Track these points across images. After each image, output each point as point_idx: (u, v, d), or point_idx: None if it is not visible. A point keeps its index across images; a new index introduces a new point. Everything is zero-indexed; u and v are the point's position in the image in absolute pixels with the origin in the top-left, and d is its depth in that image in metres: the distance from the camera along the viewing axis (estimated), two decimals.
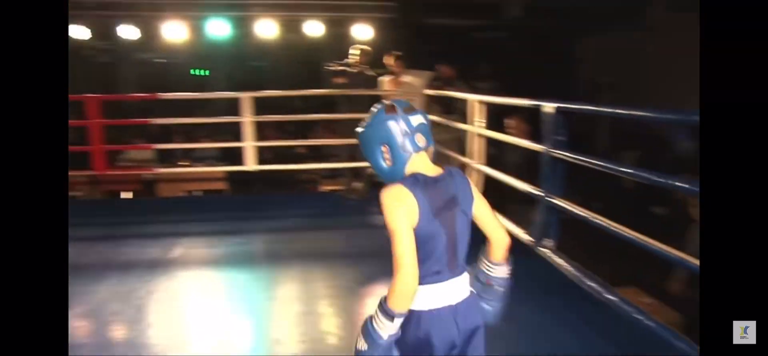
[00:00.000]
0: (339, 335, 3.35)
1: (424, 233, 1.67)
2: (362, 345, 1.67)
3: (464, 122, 5.49)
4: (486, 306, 1.86)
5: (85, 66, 14.42)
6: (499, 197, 4.97)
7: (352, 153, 6.75)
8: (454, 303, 1.73)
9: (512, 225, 4.22)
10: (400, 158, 1.73)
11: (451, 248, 1.72)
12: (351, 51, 6.64)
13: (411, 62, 6.81)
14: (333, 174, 8.52)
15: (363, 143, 1.81)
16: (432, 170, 1.76)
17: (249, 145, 6.68)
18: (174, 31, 9.53)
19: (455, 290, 1.74)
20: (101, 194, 8.00)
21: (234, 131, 10.05)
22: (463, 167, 5.91)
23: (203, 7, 9.54)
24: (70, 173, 6.80)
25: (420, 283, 1.66)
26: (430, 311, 1.70)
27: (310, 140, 9.11)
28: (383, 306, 1.65)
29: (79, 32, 9.62)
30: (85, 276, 4.28)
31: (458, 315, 1.73)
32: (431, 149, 1.79)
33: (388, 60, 6.63)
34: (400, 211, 1.65)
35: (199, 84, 15.15)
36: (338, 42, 8.42)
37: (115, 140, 8.81)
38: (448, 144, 6.06)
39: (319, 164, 8.28)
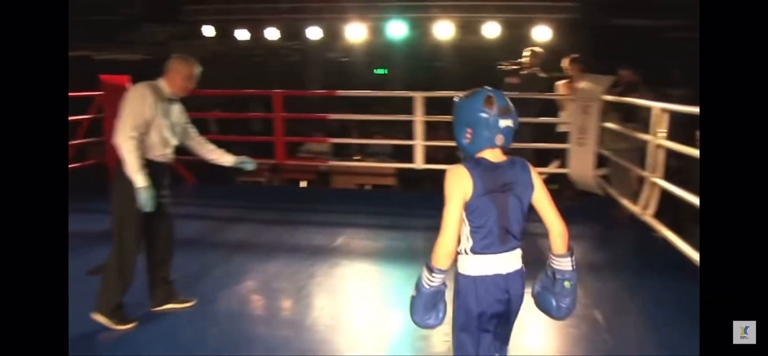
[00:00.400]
0: None
1: (475, 207, 1.93)
2: (413, 293, 2.00)
3: (646, 131, 5.02)
4: (556, 303, 2.04)
5: (277, 64, 15.82)
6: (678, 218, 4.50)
7: (522, 157, 6.54)
8: (504, 272, 1.97)
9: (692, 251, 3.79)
10: (478, 145, 1.96)
11: (502, 225, 1.95)
12: (524, 53, 6.44)
13: (592, 66, 6.43)
14: None
15: (456, 112, 2.02)
16: (497, 157, 1.98)
17: (418, 143, 6.79)
18: (355, 32, 10.01)
19: (506, 262, 1.98)
20: (280, 181, 8.69)
21: (407, 130, 10.35)
22: (641, 180, 5.44)
23: (385, 9, 9.91)
24: (258, 160, 7.32)
25: (474, 252, 1.95)
26: (484, 277, 1.96)
27: None
28: (427, 263, 1.95)
29: (271, 34, 10.48)
30: (258, 254, 4.70)
31: (509, 283, 1.98)
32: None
33: (564, 63, 6.32)
34: (456, 187, 1.92)
35: (379, 83, 15.78)
36: (517, 44, 8.21)
37: (298, 133, 9.54)
38: (624, 154, 5.61)
39: None
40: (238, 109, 12.36)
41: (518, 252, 2.02)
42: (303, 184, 8.61)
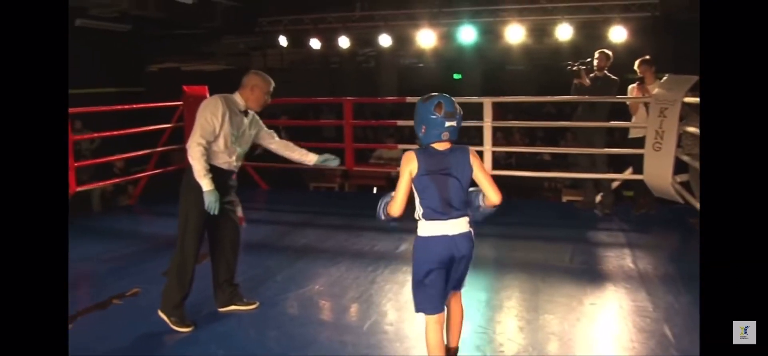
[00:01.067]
0: (517, 350, 3.21)
1: (420, 184, 2.57)
2: (379, 212, 2.71)
3: None
4: (472, 214, 2.67)
5: (352, 71, 16.13)
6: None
7: (594, 162, 6.34)
8: (450, 234, 2.57)
9: None
10: (429, 137, 2.57)
11: (443, 198, 2.54)
12: (596, 55, 6.22)
13: (672, 67, 6.13)
14: (575, 184, 8.10)
15: (415, 112, 2.60)
16: (442, 147, 2.58)
17: (487, 149, 6.72)
18: (426, 38, 10.03)
19: (450, 227, 2.56)
20: (351, 187, 8.85)
21: (479, 135, 10.26)
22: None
23: (456, 13, 9.88)
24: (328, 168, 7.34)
25: (424, 218, 2.59)
26: (429, 237, 2.59)
27: (540, 148, 8.78)
28: (383, 204, 2.70)
29: (343, 42, 10.68)
30: (322, 258, 4.82)
31: (454, 243, 2.58)
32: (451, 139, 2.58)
33: (636, 64, 6.07)
34: (406, 166, 2.58)
35: (453, 87, 15.74)
36: (591, 45, 7.95)
37: (370, 140, 9.66)
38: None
39: (548, 173, 7.92)
40: (314, 116, 12.72)
41: (464, 219, 2.60)
42: (375, 190, 8.72)
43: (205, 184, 3.37)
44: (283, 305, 3.91)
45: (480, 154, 6.78)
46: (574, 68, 6.20)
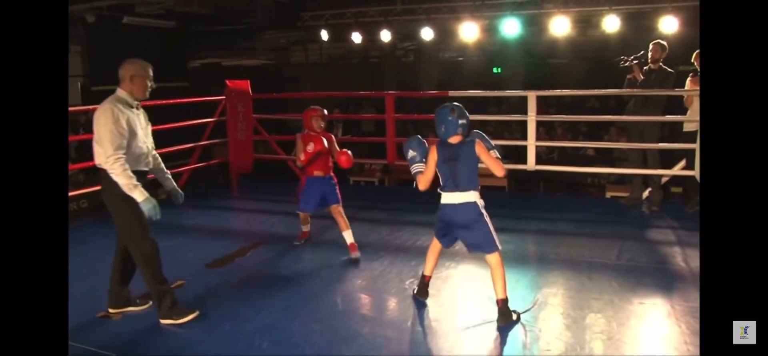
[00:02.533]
0: (564, 348, 3.15)
1: (439, 168, 3.47)
2: (416, 166, 3.62)
3: None
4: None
5: (392, 65, 16.09)
6: None
7: (645, 158, 6.17)
8: (452, 203, 3.45)
9: None
10: (446, 134, 3.45)
11: (453, 177, 3.43)
12: (651, 46, 6.01)
13: None
14: (620, 180, 7.91)
15: (436, 116, 3.49)
16: (455, 140, 3.46)
17: (531, 144, 6.61)
18: (469, 31, 9.91)
19: (455, 198, 3.43)
20: (391, 182, 8.83)
21: (521, 129, 10.11)
22: None
23: (499, 6, 9.74)
24: (367, 161, 7.47)
25: (442, 190, 3.50)
26: (443, 204, 3.50)
27: (586, 143, 8.57)
28: (415, 172, 3.60)
29: (385, 36, 10.65)
30: (365, 253, 4.79)
31: (456, 210, 3.45)
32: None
33: (695, 57, 5.85)
34: (431, 156, 3.49)
35: (495, 81, 15.53)
36: (640, 37, 7.71)
37: (411, 134, 9.62)
38: None
39: (596, 169, 7.72)
40: (355, 110, 12.75)
41: (469, 193, 3.42)
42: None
43: (138, 195, 3.30)
44: (326, 298, 3.93)
45: (524, 149, 6.73)
46: (627, 64, 6.01)
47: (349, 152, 4.75)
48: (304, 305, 3.80)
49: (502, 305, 3.43)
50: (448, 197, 3.45)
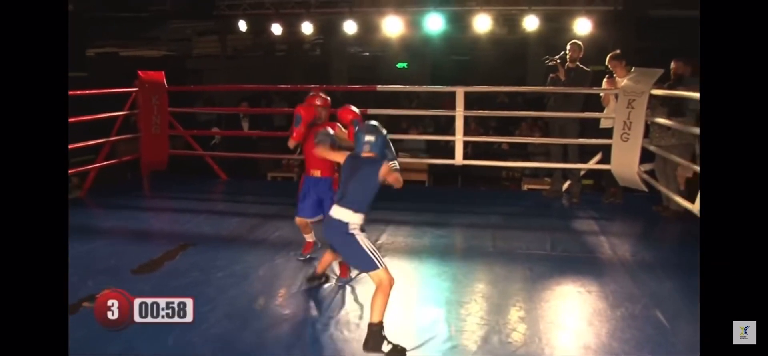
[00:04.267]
0: (523, 340, 3.22)
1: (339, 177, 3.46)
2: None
3: (698, 125, 4.90)
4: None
5: (301, 59, 15.85)
6: None
7: (565, 152, 6.45)
8: (331, 215, 3.23)
9: None
10: (357, 149, 3.26)
11: (343, 189, 3.21)
12: (568, 46, 6.29)
13: (637, 60, 6.30)
14: (535, 173, 8.24)
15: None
16: (365, 155, 3.24)
17: (458, 139, 6.70)
18: (392, 26, 9.88)
19: (334, 211, 3.21)
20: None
21: (436, 124, 10.26)
22: (693, 175, 5.35)
23: (422, 2, 9.79)
24: (284, 157, 7.23)
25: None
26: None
27: (521, 137, 8.84)
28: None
29: (307, 28, 10.41)
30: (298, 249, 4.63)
31: (328, 225, 3.26)
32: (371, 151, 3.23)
33: (609, 60, 6.19)
34: (341, 156, 3.36)
35: (402, 76, 15.67)
36: (557, 37, 8.04)
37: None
38: (674, 150, 5.49)
39: (521, 163, 7.99)
40: (266, 104, 12.39)
41: (344, 211, 3.15)
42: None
43: None
44: (272, 301, 3.75)
45: (452, 144, 6.83)
46: (551, 63, 6.24)
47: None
48: (249, 308, 3.60)
49: (373, 328, 3.04)
50: (332, 209, 3.23)
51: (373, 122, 3.32)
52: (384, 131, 3.29)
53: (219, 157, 8.05)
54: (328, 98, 4.43)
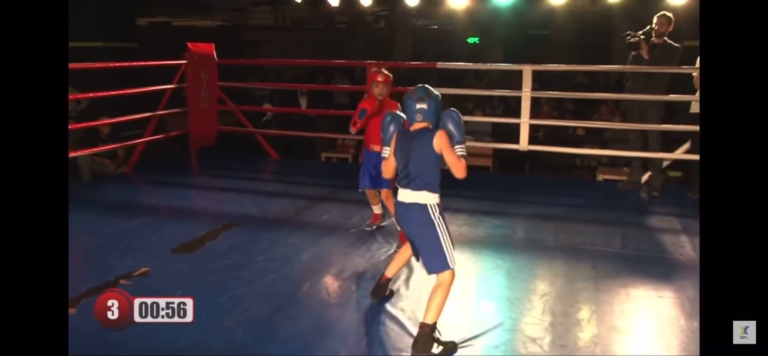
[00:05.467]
0: (579, 345, 3.15)
1: (396, 158, 3.21)
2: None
3: None
4: None
5: (364, 32, 15.93)
6: None
7: (645, 140, 6.22)
8: (404, 201, 3.15)
9: None
10: (409, 121, 3.20)
11: (405, 171, 3.13)
12: (655, 19, 6.00)
13: None
14: (613, 162, 8.01)
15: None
16: (416, 127, 3.16)
17: (524, 122, 6.59)
18: None
19: (405, 196, 3.15)
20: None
21: (506, 105, 10.13)
22: None
23: None
24: (340, 137, 7.36)
25: (398, 183, 3.20)
26: (396, 201, 3.26)
27: (579, 122, 8.62)
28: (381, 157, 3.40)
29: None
30: (353, 236, 4.72)
31: (404, 212, 3.18)
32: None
33: None
34: (392, 143, 3.25)
35: (472, 53, 15.56)
36: (646, 8, 7.69)
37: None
38: None
39: (592, 150, 7.77)
40: (325, 80, 12.57)
41: (420, 193, 3.10)
42: None
43: None
44: (314, 287, 3.83)
45: (508, 127, 6.75)
46: (634, 39, 5.99)
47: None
48: (290, 295, 3.71)
49: (425, 330, 3.02)
50: (400, 194, 3.17)
51: (424, 86, 3.19)
52: (436, 94, 3.17)
53: (271, 135, 8.26)
54: (390, 75, 4.54)
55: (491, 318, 3.45)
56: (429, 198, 3.09)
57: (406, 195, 3.12)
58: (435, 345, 3.04)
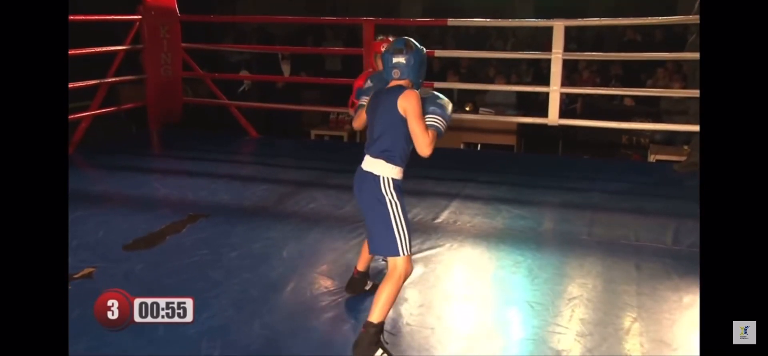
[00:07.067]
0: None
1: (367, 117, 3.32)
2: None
3: None
4: None
5: None
6: None
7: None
8: (361, 168, 3.23)
9: None
10: (386, 76, 3.28)
11: (370, 132, 3.23)
12: None
13: None
14: (669, 139, 7.99)
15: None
16: (393, 84, 3.22)
17: (554, 91, 6.59)
18: None
19: (364, 162, 3.22)
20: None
21: (536, 71, 10.09)
22: None
23: None
24: (334, 110, 7.45)
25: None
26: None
27: (625, 90, 8.56)
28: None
29: None
30: (340, 227, 4.78)
31: (358, 180, 3.24)
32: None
33: None
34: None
35: (496, 7, 15.46)
36: None
37: None
38: None
39: (639, 125, 7.75)
40: (315, 42, 12.58)
41: (376, 161, 3.15)
42: None
43: None
44: (292, 287, 3.88)
45: (546, 96, 6.75)
46: None
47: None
48: (266, 299, 3.76)
49: (369, 329, 3.07)
50: (364, 159, 3.24)
51: (405, 37, 3.27)
52: (418, 47, 3.24)
53: (249, 108, 8.29)
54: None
55: (510, 327, 3.51)
56: (384, 169, 3.15)
57: (365, 162, 3.21)
58: (380, 350, 3.08)
